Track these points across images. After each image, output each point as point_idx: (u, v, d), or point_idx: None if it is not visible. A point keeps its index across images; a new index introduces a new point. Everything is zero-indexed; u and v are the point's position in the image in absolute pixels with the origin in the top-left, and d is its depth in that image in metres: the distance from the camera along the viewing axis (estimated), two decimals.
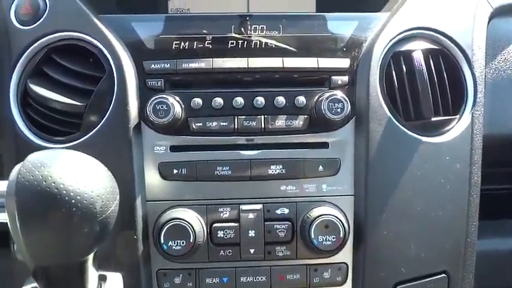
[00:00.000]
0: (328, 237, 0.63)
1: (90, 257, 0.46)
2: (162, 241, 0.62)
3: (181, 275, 0.66)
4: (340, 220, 0.63)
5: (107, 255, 0.55)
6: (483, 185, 0.72)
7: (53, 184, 0.39)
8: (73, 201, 0.39)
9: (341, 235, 0.63)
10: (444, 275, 0.69)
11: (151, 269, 0.67)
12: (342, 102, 0.65)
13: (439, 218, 0.68)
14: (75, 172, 0.42)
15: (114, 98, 0.66)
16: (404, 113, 0.70)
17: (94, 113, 0.68)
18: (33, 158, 0.42)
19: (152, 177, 0.68)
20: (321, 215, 0.63)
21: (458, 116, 0.72)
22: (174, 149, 0.68)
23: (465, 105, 0.72)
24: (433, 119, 0.70)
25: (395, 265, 0.67)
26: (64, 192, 0.40)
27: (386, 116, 0.68)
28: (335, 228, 0.63)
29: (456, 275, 0.69)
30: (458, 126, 0.71)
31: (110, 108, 0.67)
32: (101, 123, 0.67)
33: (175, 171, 0.67)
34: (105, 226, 0.43)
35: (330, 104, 0.65)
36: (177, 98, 0.66)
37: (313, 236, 0.62)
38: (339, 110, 0.65)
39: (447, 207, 0.69)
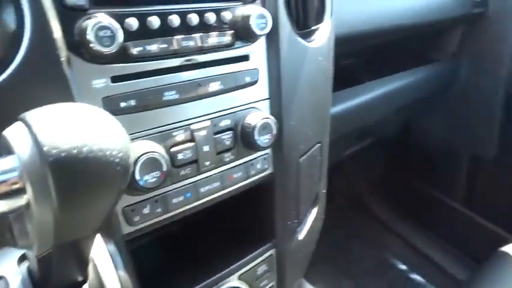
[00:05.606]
0: (266, 136, 0.76)
1: None
2: (138, 177, 0.61)
3: (148, 205, 0.67)
4: (273, 120, 0.77)
5: None
6: None
7: (89, 147, 0.37)
8: (116, 160, 0.39)
9: (274, 132, 0.77)
10: (319, 144, 0.96)
11: (117, 208, 0.64)
12: (266, 18, 0.72)
13: (319, 102, 0.93)
14: (100, 127, 0.39)
15: (28, 20, 0.51)
16: (296, 24, 0.84)
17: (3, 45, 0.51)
18: (39, 121, 0.35)
19: None
20: (260, 120, 0.75)
21: (323, 23, 0.92)
22: (115, 79, 0.61)
23: (325, 14, 0.92)
24: (313, 27, 0.87)
25: (299, 144, 0.89)
26: (108, 153, 0.38)
27: (289, 28, 0.81)
28: (271, 129, 0.77)
29: (324, 141, 0.99)
30: (324, 31, 0.91)
31: (28, 36, 0.52)
32: (17, 59, 0.51)
33: (122, 104, 0.62)
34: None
35: (257, 20, 0.71)
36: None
37: (256, 137, 0.75)
38: (263, 25, 0.73)
39: (321, 94, 0.93)
